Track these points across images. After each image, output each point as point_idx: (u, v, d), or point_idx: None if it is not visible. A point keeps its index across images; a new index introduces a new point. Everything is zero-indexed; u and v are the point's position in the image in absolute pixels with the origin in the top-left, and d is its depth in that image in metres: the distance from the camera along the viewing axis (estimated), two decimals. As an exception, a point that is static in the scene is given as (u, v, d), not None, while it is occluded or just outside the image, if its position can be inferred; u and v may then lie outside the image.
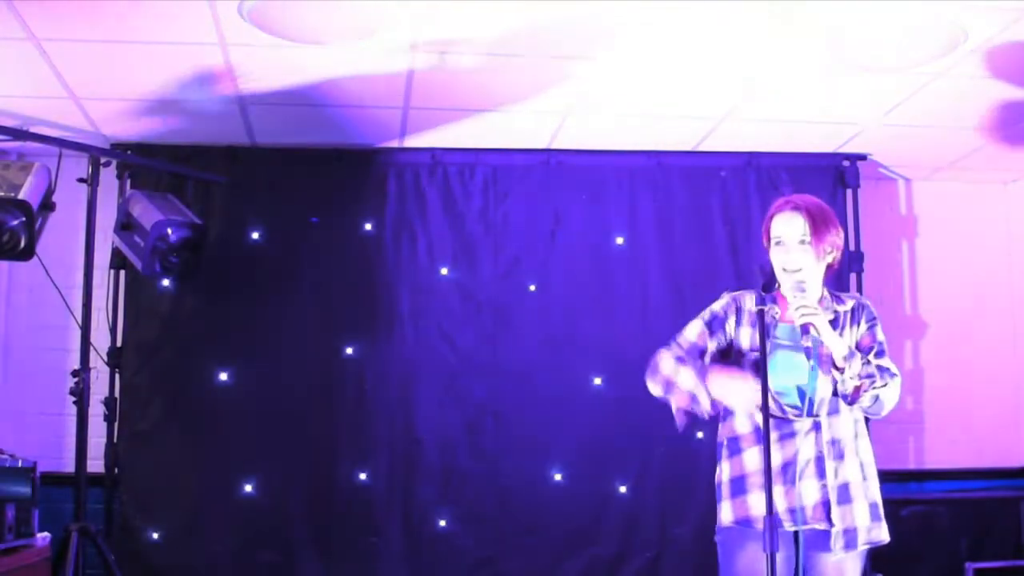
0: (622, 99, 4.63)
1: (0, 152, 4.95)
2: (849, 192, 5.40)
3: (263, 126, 4.93)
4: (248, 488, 4.94)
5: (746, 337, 3.08)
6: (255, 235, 5.12)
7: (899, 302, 5.70)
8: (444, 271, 5.18)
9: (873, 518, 3.01)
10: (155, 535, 4.87)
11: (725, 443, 3.11)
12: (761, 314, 2.89)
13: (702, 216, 5.31)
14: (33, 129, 4.48)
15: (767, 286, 3.02)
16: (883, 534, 3.03)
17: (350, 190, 5.18)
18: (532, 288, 5.21)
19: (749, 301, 3.10)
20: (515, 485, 5.03)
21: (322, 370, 5.05)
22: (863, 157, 5.40)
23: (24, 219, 4.20)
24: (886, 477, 5.26)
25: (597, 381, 5.13)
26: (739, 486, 3.03)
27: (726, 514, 3.04)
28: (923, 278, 5.73)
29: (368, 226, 5.17)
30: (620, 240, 5.27)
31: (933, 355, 5.67)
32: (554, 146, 5.25)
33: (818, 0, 3.61)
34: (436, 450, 5.05)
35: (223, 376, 5.00)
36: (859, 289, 5.34)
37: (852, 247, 5.36)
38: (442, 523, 5.00)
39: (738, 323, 3.10)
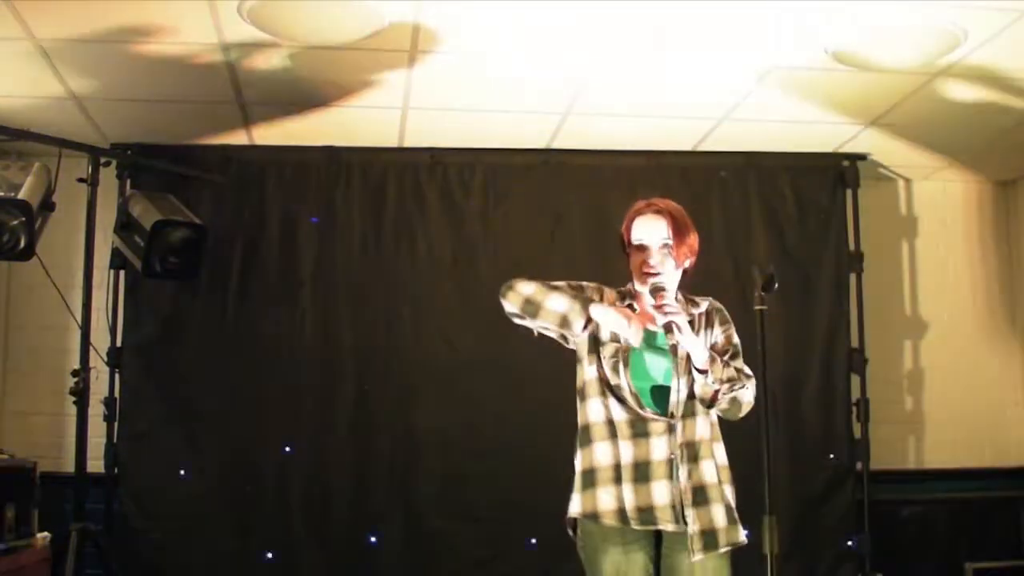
0: (622, 99, 4.63)
1: (0, 152, 4.95)
2: (849, 192, 5.40)
3: (263, 126, 4.93)
4: (248, 488, 4.94)
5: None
6: (255, 235, 5.12)
7: (899, 302, 5.70)
8: (444, 271, 5.18)
9: (729, 521, 3.00)
10: (155, 535, 4.87)
11: (578, 432, 3.10)
12: (761, 314, 2.89)
13: (702, 216, 5.29)
14: (33, 129, 4.48)
15: (767, 286, 3.02)
16: (740, 536, 3.01)
17: (350, 190, 5.18)
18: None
19: (609, 294, 3.12)
20: (515, 484, 5.02)
21: (322, 369, 5.05)
22: (863, 157, 5.40)
23: (24, 219, 4.20)
24: (886, 477, 5.35)
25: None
26: (589, 479, 3.01)
27: (574, 506, 3.03)
28: (923, 278, 5.73)
29: (368, 226, 5.17)
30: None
31: (933, 355, 5.67)
32: (554, 146, 5.25)
33: (821, 0, 3.61)
34: (436, 450, 5.05)
35: (223, 376, 4.99)
36: (859, 289, 5.35)
37: (852, 247, 5.37)
38: (442, 523, 5.01)
39: None
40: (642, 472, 2.95)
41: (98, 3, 3.63)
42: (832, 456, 5.23)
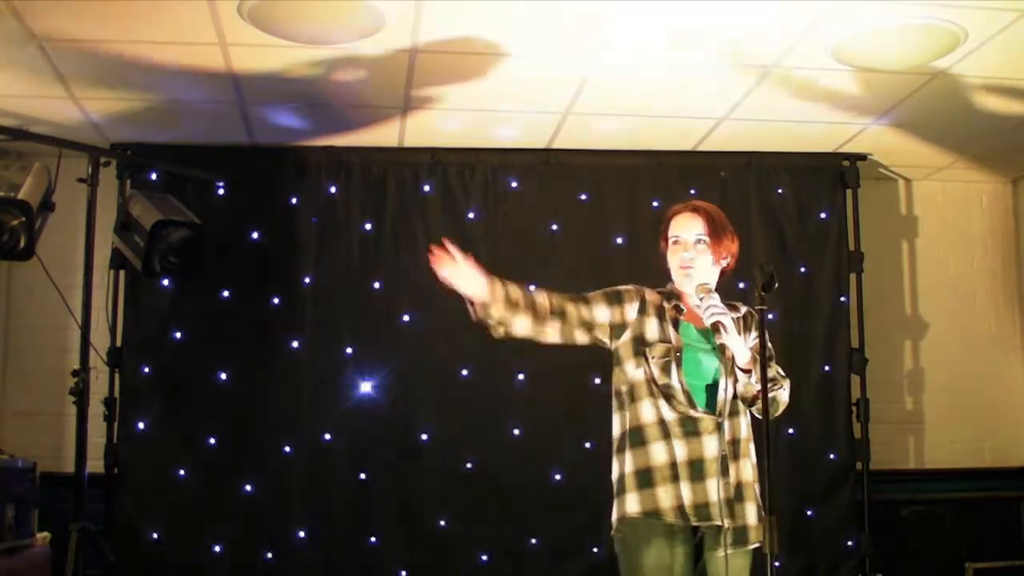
0: (622, 99, 4.63)
1: (0, 152, 4.95)
2: (849, 192, 5.40)
3: (263, 126, 4.93)
4: (248, 488, 4.94)
5: (652, 327, 3.11)
6: (255, 235, 5.12)
7: (899, 302, 5.70)
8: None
9: (758, 519, 3.06)
10: (155, 535, 4.87)
11: (627, 433, 3.11)
12: (762, 313, 2.90)
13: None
14: (33, 129, 4.48)
15: (767, 286, 3.03)
16: (762, 535, 3.02)
17: (350, 190, 5.18)
18: (532, 288, 5.19)
19: (650, 295, 3.17)
20: (515, 485, 5.02)
21: (322, 370, 5.05)
22: (863, 157, 5.40)
23: (24, 219, 4.20)
24: (886, 477, 5.35)
25: (597, 380, 5.11)
26: (646, 478, 3.03)
27: (632, 505, 3.04)
28: (923, 278, 5.73)
29: (368, 226, 5.17)
30: (620, 240, 5.27)
31: (933, 355, 5.67)
32: (554, 146, 5.25)
33: (820, 0, 3.62)
34: (436, 450, 5.05)
35: (223, 376, 5.00)
36: (859, 289, 5.35)
37: (852, 247, 5.37)
38: (442, 523, 5.01)
39: (642, 311, 3.14)
40: (697, 470, 3.01)
41: (98, 3, 3.63)
42: (832, 456, 5.24)
